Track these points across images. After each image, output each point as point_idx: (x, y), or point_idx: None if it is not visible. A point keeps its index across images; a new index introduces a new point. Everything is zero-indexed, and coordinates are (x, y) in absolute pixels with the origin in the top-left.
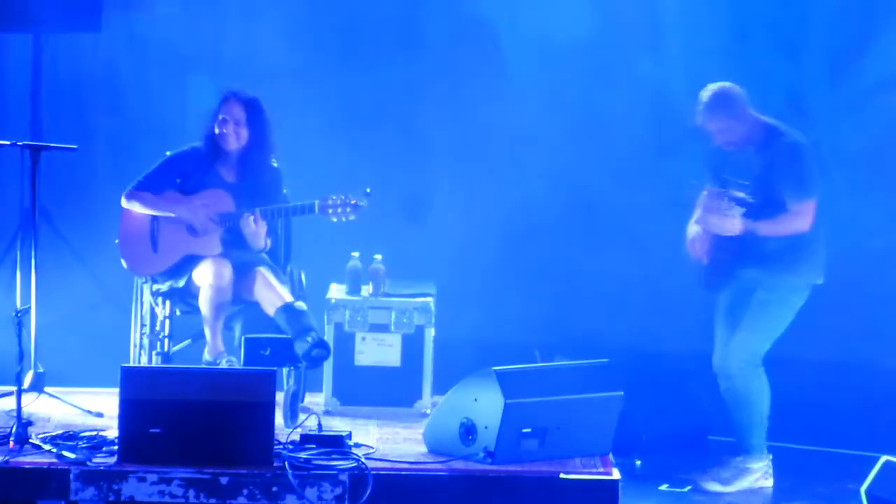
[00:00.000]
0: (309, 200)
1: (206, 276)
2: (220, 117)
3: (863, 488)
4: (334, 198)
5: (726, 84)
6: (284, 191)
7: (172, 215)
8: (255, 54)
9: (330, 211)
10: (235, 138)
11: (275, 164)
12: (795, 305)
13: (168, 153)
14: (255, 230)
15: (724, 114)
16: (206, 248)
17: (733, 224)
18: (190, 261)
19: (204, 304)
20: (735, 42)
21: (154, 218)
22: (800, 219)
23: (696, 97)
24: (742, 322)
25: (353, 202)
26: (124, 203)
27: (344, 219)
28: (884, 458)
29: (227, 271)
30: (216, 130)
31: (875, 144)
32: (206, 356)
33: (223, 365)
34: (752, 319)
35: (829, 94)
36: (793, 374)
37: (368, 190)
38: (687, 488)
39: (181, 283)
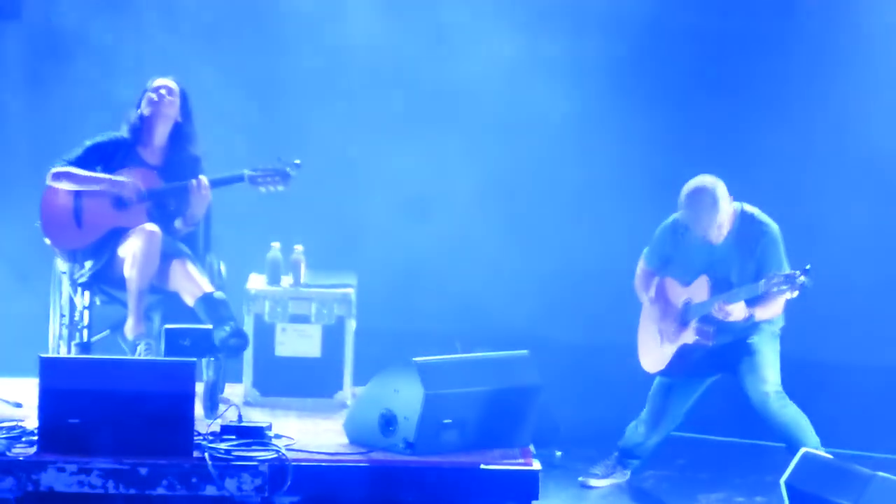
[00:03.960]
0: (238, 171)
1: (137, 242)
2: (153, 89)
3: (782, 480)
4: (263, 167)
5: (710, 178)
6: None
7: (99, 188)
8: (175, 42)
9: (259, 180)
10: (168, 110)
11: (197, 154)
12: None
13: (88, 141)
14: (205, 196)
15: (718, 210)
16: (132, 221)
17: (739, 311)
18: (116, 235)
19: (132, 271)
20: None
21: (77, 195)
22: (781, 300)
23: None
24: (750, 366)
25: (282, 171)
26: (50, 181)
27: (272, 188)
28: (803, 449)
29: (157, 238)
30: (145, 110)
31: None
32: (128, 334)
33: (141, 347)
34: (762, 357)
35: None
36: None
37: (298, 161)
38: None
39: (103, 261)
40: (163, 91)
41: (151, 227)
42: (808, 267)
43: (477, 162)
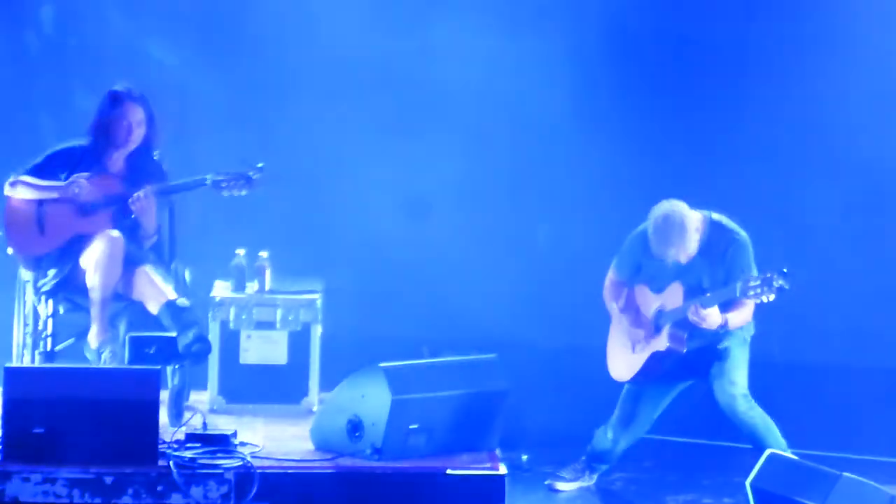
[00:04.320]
0: (201, 175)
1: (100, 248)
2: (120, 121)
3: (748, 481)
4: (226, 171)
5: (678, 207)
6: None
7: (57, 195)
8: (139, 48)
9: (223, 185)
10: (136, 139)
11: (156, 158)
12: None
13: (50, 150)
14: (146, 206)
15: (686, 240)
16: (96, 227)
17: (714, 316)
18: (79, 241)
19: (95, 279)
20: None
21: (39, 203)
22: (752, 305)
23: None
24: (720, 370)
25: (245, 175)
26: (7, 189)
27: (236, 192)
28: (769, 451)
29: (120, 244)
30: (113, 129)
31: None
32: (91, 342)
33: (106, 354)
34: (732, 361)
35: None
36: None
37: (260, 164)
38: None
39: (67, 270)
40: (129, 133)
41: (114, 232)
42: (784, 269)
43: (448, 166)
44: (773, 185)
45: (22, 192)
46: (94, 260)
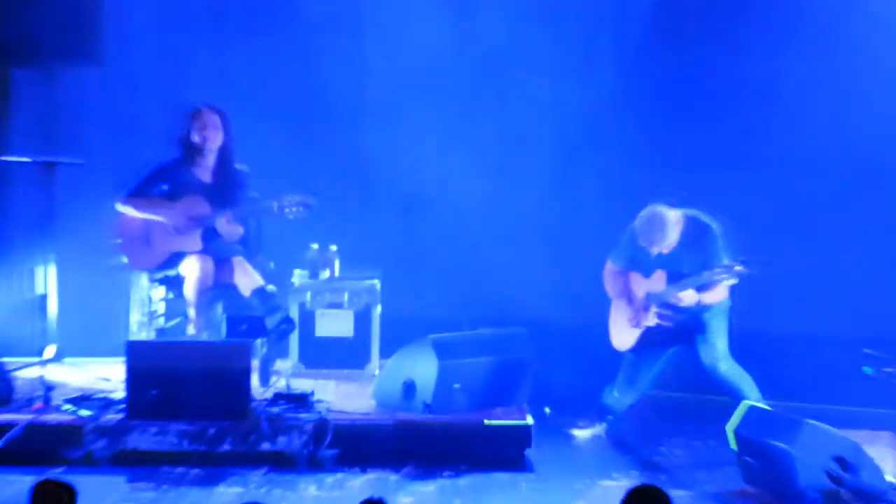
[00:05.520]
0: (268, 203)
1: (192, 269)
2: (198, 125)
3: (728, 426)
4: (289, 198)
5: (660, 209)
6: (254, 194)
7: (158, 219)
8: (224, 80)
9: (286, 210)
10: (213, 140)
11: (244, 169)
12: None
13: (153, 167)
14: (228, 229)
15: (666, 236)
16: (188, 245)
17: (689, 297)
18: (177, 256)
19: (189, 290)
20: None
21: (147, 222)
22: (724, 286)
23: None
24: (703, 337)
25: (304, 201)
26: (119, 207)
27: (298, 215)
28: (747, 402)
29: (209, 265)
30: (195, 138)
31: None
32: (190, 331)
33: (204, 337)
34: (712, 329)
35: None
36: None
37: (314, 199)
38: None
39: (173, 273)
40: (210, 134)
41: (203, 256)
42: (742, 259)
43: (488, 164)
44: (782, 182)
45: (131, 210)
46: (189, 276)
